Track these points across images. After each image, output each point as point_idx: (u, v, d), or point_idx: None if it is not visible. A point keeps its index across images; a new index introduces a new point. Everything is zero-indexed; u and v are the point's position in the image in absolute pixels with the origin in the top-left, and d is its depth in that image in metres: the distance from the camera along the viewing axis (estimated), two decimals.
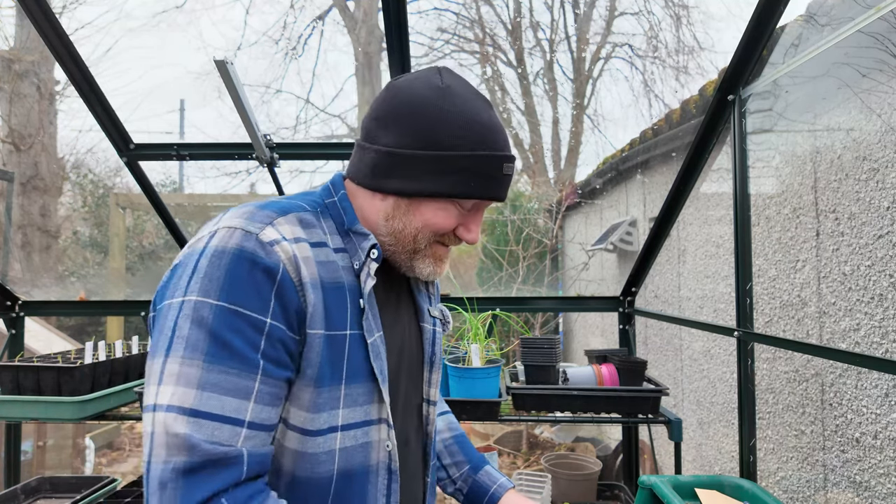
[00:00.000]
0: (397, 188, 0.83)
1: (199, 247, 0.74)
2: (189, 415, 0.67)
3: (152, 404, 0.68)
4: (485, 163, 0.82)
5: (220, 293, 0.70)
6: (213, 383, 0.68)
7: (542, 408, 1.92)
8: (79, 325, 7.49)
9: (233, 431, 0.68)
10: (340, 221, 0.86)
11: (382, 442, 0.83)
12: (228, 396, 0.69)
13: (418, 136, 0.81)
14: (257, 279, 0.72)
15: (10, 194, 5.41)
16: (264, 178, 11.88)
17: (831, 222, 2.07)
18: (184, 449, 0.65)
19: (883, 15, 1.33)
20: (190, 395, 0.67)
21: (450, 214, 0.86)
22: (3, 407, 1.88)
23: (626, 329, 2.58)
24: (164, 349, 0.70)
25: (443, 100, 0.82)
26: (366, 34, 7.30)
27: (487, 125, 0.83)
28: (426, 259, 0.89)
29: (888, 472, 1.76)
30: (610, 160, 5.05)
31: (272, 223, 0.76)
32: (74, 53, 1.96)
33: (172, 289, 0.73)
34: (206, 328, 0.69)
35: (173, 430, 0.66)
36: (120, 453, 5.60)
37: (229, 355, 0.69)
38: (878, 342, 1.81)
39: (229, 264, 0.71)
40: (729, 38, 7.91)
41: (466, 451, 1.15)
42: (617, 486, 2.40)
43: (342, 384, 0.79)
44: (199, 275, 0.71)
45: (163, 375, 0.68)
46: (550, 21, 7.64)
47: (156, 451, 0.66)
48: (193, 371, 0.68)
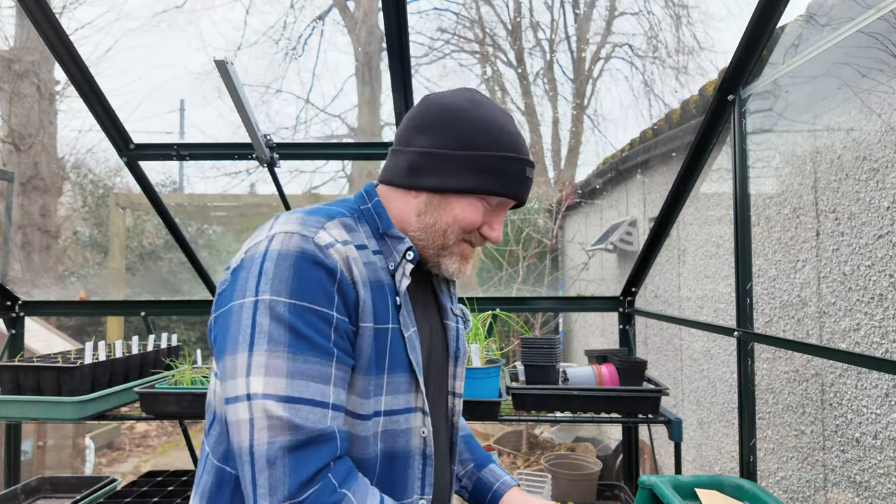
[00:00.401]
0: (432, 184, 0.92)
1: (259, 251, 0.81)
2: (285, 401, 0.74)
3: (245, 394, 0.75)
4: (511, 164, 0.92)
5: (291, 292, 0.78)
6: (299, 371, 0.76)
7: (542, 408, 1.92)
8: (79, 325, 7.49)
9: (322, 413, 0.77)
10: (375, 226, 0.94)
11: (419, 428, 0.92)
12: (314, 382, 0.77)
13: (453, 138, 0.91)
14: (322, 278, 0.80)
15: (10, 194, 5.41)
16: (264, 178, 11.88)
17: (831, 222, 2.07)
18: (287, 429, 0.73)
19: (883, 15, 1.33)
20: (282, 384, 0.75)
21: (477, 211, 0.94)
22: (3, 407, 1.88)
23: (626, 329, 2.58)
24: (246, 344, 0.77)
25: (475, 109, 0.93)
26: (366, 34, 7.30)
27: (514, 133, 0.95)
28: (453, 256, 0.96)
29: (888, 472, 1.76)
30: (610, 160, 5.05)
31: (323, 227, 0.84)
32: (74, 53, 1.96)
33: (240, 291, 0.80)
34: (285, 323, 0.77)
35: (275, 414, 0.74)
36: (120, 453, 5.61)
37: (309, 346, 0.78)
38: (878, 342, 1.81)
39: (294, 265, 0.79)
40: (729, 38, 7.91)
41: (472, 449, 1.20)
42: (617, 486, 2.40)
43: (385, 373, 0.87)
44: (268, 276, 0.79)
45: (251, 367, 0.76)
46: (550, 21, 7.64)
47: (258, 435, 0.74)
48: (280, 363, 0.76)
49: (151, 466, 5.20)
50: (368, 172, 7.92)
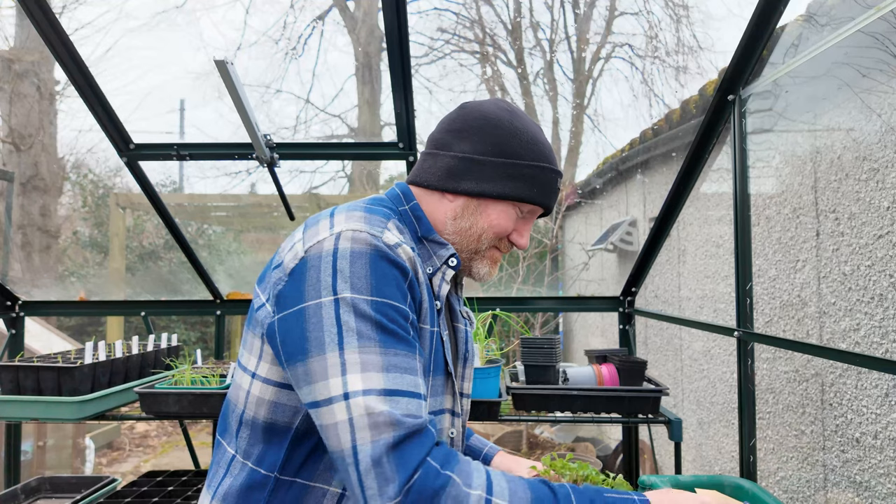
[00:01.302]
0: (470, 188, 0.95)
1: (326, 248, 0.80)
2: (385, 395, 0.74)
3: (342, 393, 0.74)
4: (545, 174, 0.97)
5: (372, 289, 0.78)
6: (393, 365, 0.77)
7: (542, 408, 1.92)
8: (79, 325, 7.49)
9: (419, 403, 0.77)
10: (414, 229, 0.96)
11: (447, 430, 0.95)
12: (408, 374, 0.78)
13: (492, 145, 0.94)
14: (396, 275, 0.81)
15: (10, 194, 5.41)
16: (264, 178, 11.88)
17: (831, 222, 2.07)
18: (389, 425, 0.72)
19: (883, 15, 1.33)
20: (379, 378, 0.75)
21: (510, 218, 0.98)
22: (3, 407, 1.88)
23: (626, 329, 2.58)
24: (335, 343, 0.76)
25: (512, 119, 0.97)
26: (366, 34, 7.30)
27: (547, 144, 1.00)
28: (484, 260, 1.00)
29: (888, 472, 1.76)
30: (610, 160, 5.05)
31: (387, 227, 0.86)
32: (74, 53, 1.96)
33: (313, 290, 0.78)
34: (371, 320, 0.77)
35: (377, 410, 0.73)
36: (120, 453, 5.61)
37: (396, 340, 0.78)
38: (878, 342, 1.81)
39: (371, 263, 0.79)
40: (729, 38, 7.92)
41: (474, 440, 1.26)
42: None
43: (430, 375, 0.91)
44: (345, 274, 0.78)
45: (345, 366, 0.75)
46: (550, 21, 7.64)
47: (360, 435, 0.72)
48: (373, 357, 0.76)
49: (151, 466, 5.20)
50: (368, 172, 7.92)
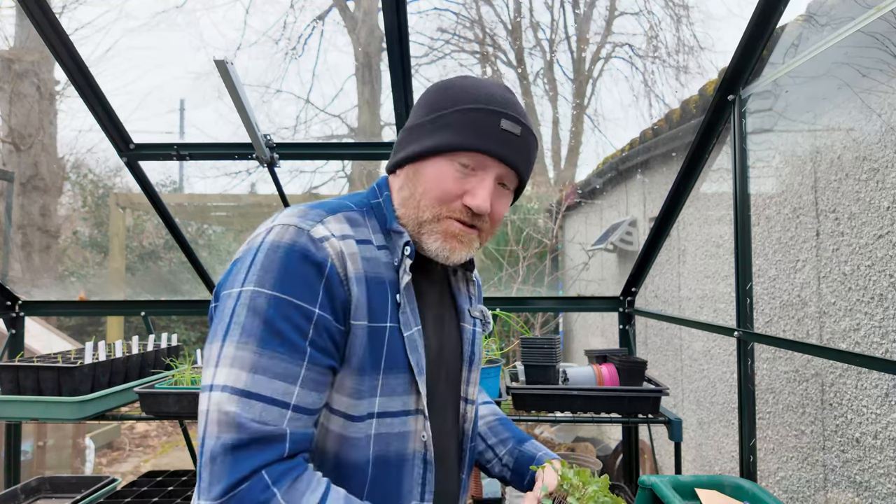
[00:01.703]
0: (404, 156, 0.90)
1: (256, 242, 0.80)
2: (241, 395, 0.72)
3: (209, 384, 0.74)
4: (478, 115, 0.85)
5: (275, 284, 0.76)
6: (264, 367, 0.74)
7: (542, 408, 1.92)
8: (79, 325, 7.49)
9: (280, 413, 0.74)
10: (383, 221, 0.91)
11: (419, 432, 0.87)
12: (278, 380, 0.74)
13: (425, 109, 0.89)
14: (308, 272, 0.77)
15: (10, 194, 5.41)
16: (264, 178, 11.87)
17: (831, 222, 2.07)
18: (233, 427, 0.71)
19: (883, 15, 1.33)
20: (243, 377, 0.73)
21: (447, 174, 0.86)
22: (3, 407, 1.88)
23: (626, 329, 2.58)
24: (222, 334, 0.76)
25: (456, 79, 0.90)
26: (366, 34, 7.30)
27: (490, 91, 0.88)
28: (433, 234, 0.89)
29: (888, 472, 1.76)
30: (610, 160, 5.05)
31: (322, 221, 0.82)
32: (74, 53, 1.96)
33: (232, 280, 0.79)
34: (261, 315, 0.75)
35: (225, 409, 0.72)
36: (120, 453, 5.61)
37: (280, 342, 0.75)
38: (878, 342, 1.81)
39: (283, 257, 0.77)
40: (729, 38, 7.92)
41: (511, 429, 1.16)
42: (617, 486, 2.40)
43: (380, 373, 0.83)
44: (256, 267, 0.77)
45: (220, 358, 0.74)
46: (550, 21, 7.64)
47: (209, 428, 0.72)
48: (247, 355, 0.74)
49: (151, 466, 5.20)
50: (368, 172, 7.92)
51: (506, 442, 1.13)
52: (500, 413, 1.21)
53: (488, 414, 1.19)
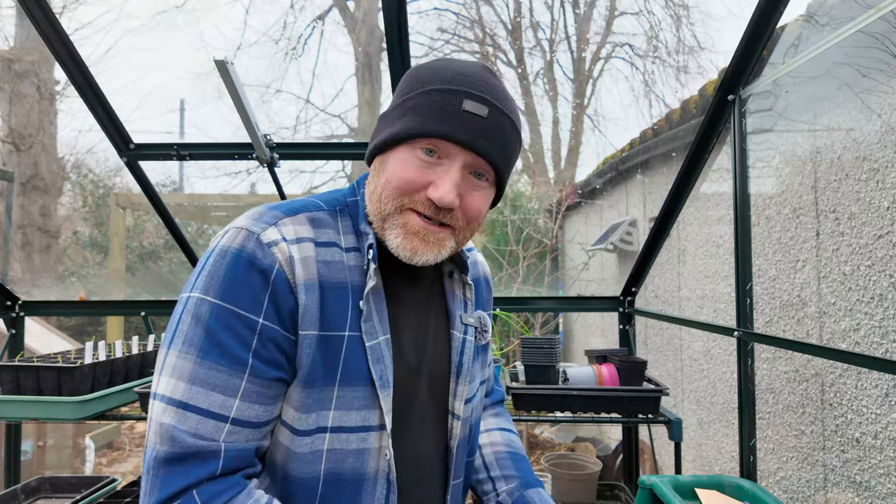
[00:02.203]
0: (372, 148, 0.84)
1: (212, 245, 0.77)
2: (178, 406, 0.70)
3: (153, 392, 0.73)
4: (438, 97, 0.76)
5: (218, 292, 0.73)
6: (202, 378, 0.71)
7: (542, 408, 1.92)
8: (79, 325, 7.49)
9: (216, 426, 0.71)
10: (357, 220, 0.85)
11: (382, 450, 0.80)
12: (216, 392, 0.71)
13: (397, 94, 0.83)
14: (253, 280, 0.73)
15: (10, 194, 5.41)
16: (264, 178, 11.88)
17: (831, 222, 2.07)
18: (167, 439, 0.70)
19: (883, 15, 1.33)
20: (181, 388, 0.71)
21: (410, 164, 0.78)
22: (3, 407, 1.88)
23: (626, 329, 2.58)
24: (168, 341, 0.74)
25: (434, 62, 0.82)
26: (366, 34, 7.30)
27: (457, 70, 0.78)
28: (395, 229, 0.80)
29: (888, 472, 1.76)
30: (610, 160, 5.05)
31: (276, 223, 0.77)
32: (74, 53, 1.96)
33: (187, 283, 0.77)
34: (203, 325, 0.72)
35: (162, 420, 0.70)
36: (120, 453, 5.60)
37: (220, 352, 0.72)
38: (878, 342, 1.81)
39: (229, 264, 0.73)
40: (729, 38, 7.92)
41: (520, 467, 1.04)
42: (617, 486, 2.40)
43: (335, 386, 0.77)
44: (205, 273, 0.74)
45: (163, 366, 0.73)
46: (550, 21, 7.65)
47: (150, 438, 0.71)
48: (187, 365, 0.71)
49: None
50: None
51: (509, 479, 1.01)
52: (515, 446, 1.08)
53: (500, 443, 1.08)
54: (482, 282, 1.07)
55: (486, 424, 1.12)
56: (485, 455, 1.06)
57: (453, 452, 0.91)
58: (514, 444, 1.10)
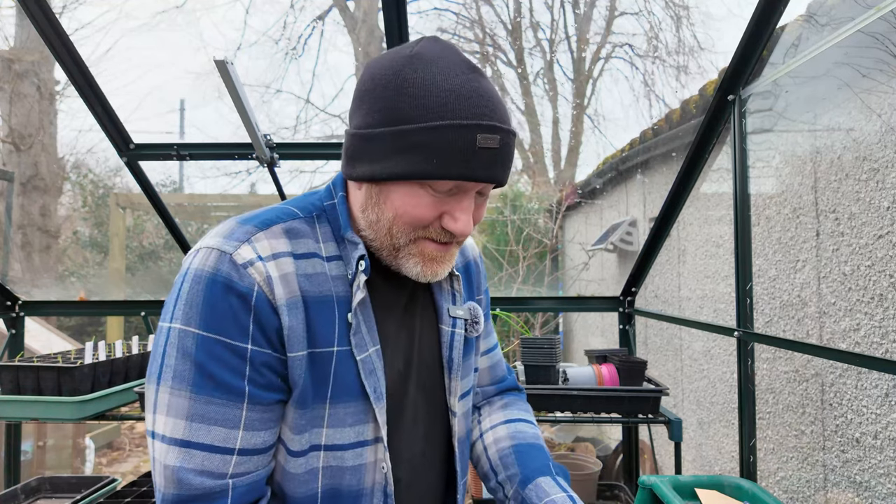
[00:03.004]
0: (363, 173, 0.75)
1: (184, 267, 0.73)
2: (180, 445, 0.68)
3: (151, 431, 0.71)
4: (447, 134, 0.68)
5: (200, 321, 0.69)
6: (200, 414, 0.69)
7: (542, 408, 1.92)
8: (79, 325, 7.49)
9: (223, 460, 0.69)
10: (337, 226, 0.81)
11: (378, 463, 0.78)
12: (217, 426, 0.69)
13: (378, 112, 0.72)
14: (233, 305, 0.69)
15: (10, 194, 5.41)
16: (264, 178, 11.88)
17: (831, 222, 2.07)
18: (173, 482, 0.68)
19: (883, 15, 1.33)
20: (180, 427, 0.68)
21: (420, 201, 0.73)
22: (3, 407, 1.88)
23: (626, 329, 2.58)
24: (156, 376, 0.70)
25: (407, 68, 0.71)
26: (366, 34, 7.30)
27: (456, 90, 0.70)
28: (412, 258, 0.78)
29: (888, 472, 1.76)
30: (610, 160, 5.05)
31: (249, 240, 0.73)
32: (74, 53, 1.96)
33: (165, 310, 0.72)
34: (191, 358, 0.69)
35: (166, 462, 0.68)
36: (120, 453, 5.60)
37: (214, 386, 0.69)
38: (878, 342, 1.81)
39: (205, 290, 0.69)
40: (729, 38, 7.93)
41: (522, 460, 0.95)
42: (617, 486, 2.40)
43: (326, 403, 0.75)
44: (182, 300, 0.70)
45: (156, 404, 0.70)
46: (550, 21, 7.65)
47: (156, 479, 0.70)
48: (182, 402, 0.69)
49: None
50: None
51: (512, 479, 0.94)
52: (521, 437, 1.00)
53: (504, 437, 1.00)
54: (472, 265, 1.03)
55: (490, 420, 1.05)
56: (490, 457, 1.00)
57: (455, 451, 0.89)
58: (522, 434, 1.01)
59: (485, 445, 1.01)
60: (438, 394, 0.89)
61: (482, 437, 1.02)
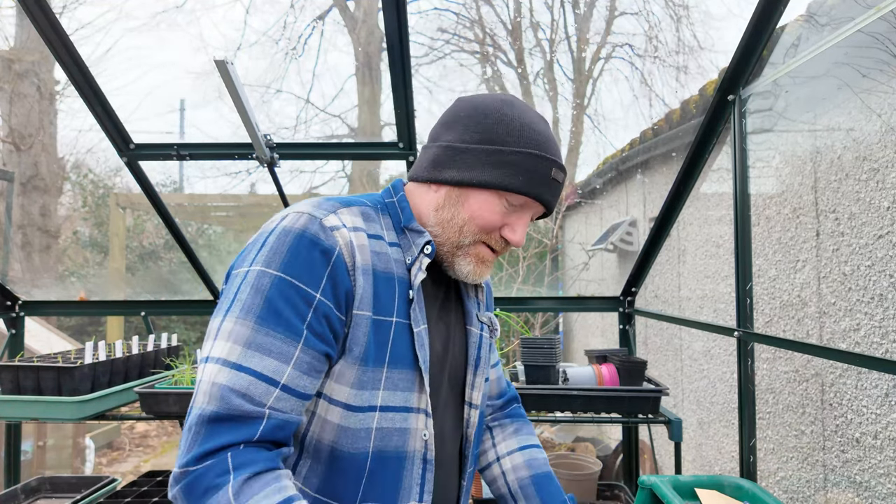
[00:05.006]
0: (450, 177, 0.90)
1: (270, 227, 0.82)
2: (232, 367, 0.74)
3: (206, 357, 0.77)
4: (535, 161, 0.89)
5: (280, 265, 0.78)
6: (258, 343, 0.75)
7: (542, 408, 1.92)
8: (79, 325, 7.49)
9: (266, 389, 0.74)
10: (397, 219, 0.93)
11: (420, 431, 0.87)
12: (270, 357, 0.75)
13: (477, 133, 0.89)
14: (314, 257, 0.79)
15: (10, 194, 5.41)
16: (264, 178, 11.87)
17: (831, 222, 2.07)
18: (215, 398, 0.72)
19: (883, 15, 1.33)
20: (236, 351, 0.74)
21: (495, 209, 0.90)
22: (3, 407, 1.88)
23: (626, 329, 2.58)
24: (224, 310, 0.78)
25: (504, 106, 0.91)
26: (366, 34, 7.30)
27: (543, 133, 0.91)
28: (468, 257, 0.93)
29: (888, 472, 1.76)
30: (610, 160, 5.05)
31: (336, 212, 0.85)
32: (74, 53, 1.96)
33: (241, 260, 0.82)
34: (263, 293, 0.77)
35: (216, 380, 0.73)
36: (120, 453, 5.61)
37: (277, 321, 0.76)
38: (878, 342, 1.81)
39: (292, 241, 0.79)
40: (729, 38, 7.92)
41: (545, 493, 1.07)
42: (617, 486, 2.40)
43: (384, 367, 0.84)
44: (266, 249, 0.79)
45: (219, 332, 0.77)
46: (550, 21, 7.64)
47: (197, 398, 0.74)
48: (244, 330, 0.75)
49: (151, 466, 5.20)
50: (368, 172, 7.92)
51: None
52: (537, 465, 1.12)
53: (522, 465, 1.11)
54: (487, 284, 1.16)
55: (506, 446, 1.16)
56: (509, 483, 1.11)
57: (470, 440, 0.99)
58: (537, 462, 1.13)
59: (503, 470, 1.13)
60: (459, 386, 1.00)
61: (499, 461, 1.14)
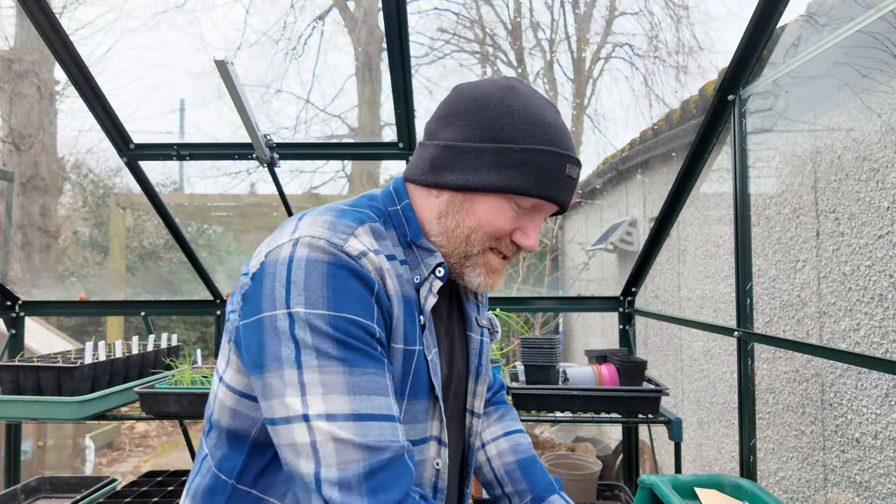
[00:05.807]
0: (453, 181, 0.80)
1: (282, 256, 0.72)
2: (353, 420, 0.67)
3: (301, 414, 0.67)
4: (546, 159, 0.78)
5: (329, 303, 0.69)
6: (360, 386, 0.68)
7: (542, 408, 1.92)
8: (79, 325, 7.49)
9: (393, 427, 0.69)
10: (403, 232, 0.84)
11: (432, 459, 0.82)
12: (378, 396, 0.69)
13: (479, 129, 0.79)
14: (357, 288, 0.71)
15: (10, 194, 5.41)
16: (264, 178, 11.86)
17: (831, 222, 2.07)
18: (359, 451, 0.65)
19: (883, 15, 1.33)
20: (344, 402, 0.67)
21: (504, 214, 0.81)
22: (3, 407, 1.88)
23: (626, 329, 2.58)
24: (292, 361, 0.68)
25: (507, 96, 0.80)
26: (366, 34, 7.30)
27: (553, 123, 0.80)
28: (477, 267, 0.84)
29: (888, 472, 1.76)
30: (610, 160, 5.05)
31: (354, 234, 0.75)
32: (74, 53, 1.96)
33: (268, 300, 0.71)
34: (330, 337, 0.68)
35: (342, 436, 0.65)
36: (120, 453, 5.61)
37: (364, 357, 0.70)
38: (878, 342, 1.81)
39: (329, 274, 0.70)
40: (729, 38, 7.92)
41: (531, 476, 1.04)
42: (617, 486, 2.40)
43: (405, 400, 0.78)
44: (299, 287, 0.69)
45: (304, 386, 0.67)
46: (550, 21, 7.63)
47: (325, 462, 0.65)
48: (336, 378, 0.68)
49: (151, 466, 5.20)
50: (368, 172, 7.91)
51: (522, 494, 1.02)
52: (523, 451, 1.09)
53: (507, 451, 1.08)
54: None
55: (491, 432, 1.12)
56: (495, 469, 1.07)
57: (472, 448, 0.96)
58: (521, 447, 1.10)
59: (488, 456, 1.09)
60: (461, 395, 0.95)
61: (484, 447, 1.10)
